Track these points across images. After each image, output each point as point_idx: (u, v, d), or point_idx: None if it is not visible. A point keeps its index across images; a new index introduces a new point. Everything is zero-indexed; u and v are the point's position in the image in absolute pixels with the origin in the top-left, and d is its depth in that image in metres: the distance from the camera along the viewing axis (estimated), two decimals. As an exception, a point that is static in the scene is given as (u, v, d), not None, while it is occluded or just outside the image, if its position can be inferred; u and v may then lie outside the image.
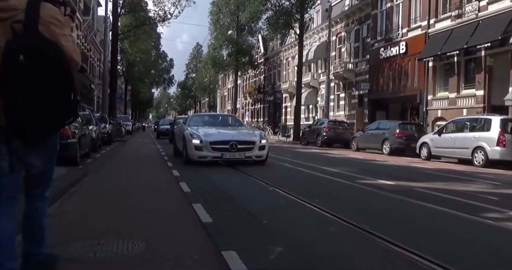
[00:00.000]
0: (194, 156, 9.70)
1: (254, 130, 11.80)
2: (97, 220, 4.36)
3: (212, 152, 9.56)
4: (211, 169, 8.98)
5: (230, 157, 9.57)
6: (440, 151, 14.70)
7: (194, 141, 9.70)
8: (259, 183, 7.24)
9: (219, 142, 9.64)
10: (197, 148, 9.63)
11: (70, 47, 2.35)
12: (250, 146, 9.84)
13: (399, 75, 24.94)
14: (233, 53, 43.70)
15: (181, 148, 10.70)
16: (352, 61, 30.62)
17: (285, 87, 42.48)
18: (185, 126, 11.14)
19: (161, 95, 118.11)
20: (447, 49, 20.18)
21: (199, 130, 10.34)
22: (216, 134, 10.20)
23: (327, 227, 4.16)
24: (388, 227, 4.24)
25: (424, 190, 6.87)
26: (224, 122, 12.39)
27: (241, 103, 57.75)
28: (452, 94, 20.90)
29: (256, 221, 4.30)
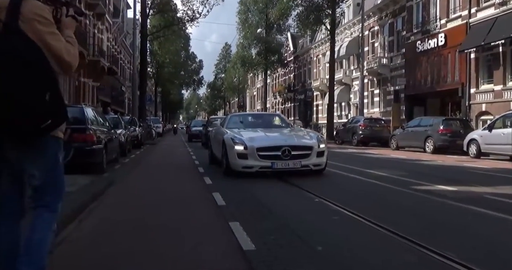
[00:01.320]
0: (237, 166, 7.89)
1: (309, 132, 9.75)
2: (113, 248, 3.69)
3: (260, 161, 7.70)
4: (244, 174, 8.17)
5: (283, 166, 7.65)
6: (491, 148, 13.56)
7: (236, 147, 7.86)
8: (301, 192, 6.46)
9: (268, 148, 7.81)
10: (240, 156, 7.81)
11: (59, 47, 2.26)
12: (307, 152, 7.91)
13: (438, 69, 23.65)
14: (262, 52, 43.03)
15: (219, 154, 8.91)
16: (387, 56, 29.39)
17: (316, 85, 41.48)
18: (223, 129, 9.45)
19: (191, 96, 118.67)
20: (492, 39, 18.88)
21: (242, 134, 8.49)
22: (263, 138, 8.47)
23: (401, 255, 3.35)
24: (474, 253, 3.40)
25: (494, 197, 5.94)
26: (269, 123, 10.51)
27: (271, 103, 56.99)
28: (497, 86, 19.56)
29: (309, 248, 3.52)
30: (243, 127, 9.54)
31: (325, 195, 5.95)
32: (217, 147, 9.32)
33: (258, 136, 8.59)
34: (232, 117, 11.22)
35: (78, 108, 8.92)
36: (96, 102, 28.61)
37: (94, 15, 27.56)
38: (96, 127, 8.85)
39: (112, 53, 34.45)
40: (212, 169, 9.69)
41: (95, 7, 26.29)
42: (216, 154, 9.81)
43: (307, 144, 8.13)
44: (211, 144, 10.70)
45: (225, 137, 8.46)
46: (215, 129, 10.93)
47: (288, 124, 10.47)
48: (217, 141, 9.53)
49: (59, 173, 2.43)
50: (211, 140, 10.93)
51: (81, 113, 8.44)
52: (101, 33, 30.00)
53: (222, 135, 8.89)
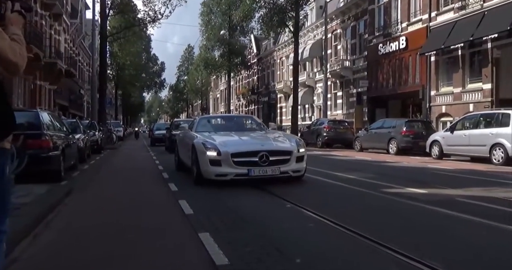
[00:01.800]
0: (210, 174, 7.14)
1: (286, 135, 9.10)
2: (70, 262, 3.34)
3: (235, 168, 6.97)
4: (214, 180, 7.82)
5: (261, 173, 6.95)
6: (453, 149, 13.79)
7: (209, 153, 7.10)
8: (272, 197, 6.24)
9: (244, 153, 7.08)
10: (213, 163, 7.07)
11: (3, 46, 2.00)
12: (286, 157, 7.21)
13: (399, 71, 24.08)
14: (225, 54, 42.70)
15: (188, 161, 8.18)
16: (349, 58, 29.73)
17: (279, 87, 41.56)
18: (192, 133, 8.70)
19: (152, 99, 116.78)
20: (451, 42, 19.33)
21: (214, 138, 7.75)
22: (238, 142, 7.74)
23: (387, 267, 3.16)
24: (460, 263, 3.26)
25: (467, 200, 5.90)
26: (242, 126, 9.77)
27: (234, 105, 56.74)
28: (457, 89, 20.05)
29: (287, 260, 3.29)
30: (214, 131, 8.81)
31: (297, 200, 5.74)
32: (186, 153, 8.62)
33: (232, 140, 7.84)
34: (201, 120, 10.31)
35: (33, 112, 8.39)
36: (53, 106, 27.49)
37: (51, 16, 26.48)
38: (52, 133, 8.34)
39: (70, 55, 33.26)
40: (177, 174, 9.32)
41: (51, 7, 25.24)
42: (184, 160, 9.07)
43: (286, 148, 7.44)
44: (178, 149, 9.93)
45: (195, 141, 7.72)
46: (183, 133, 10.02)
47: (263, 127, 9.81)
48: (185, 146, 8.81)
49: (5, 187, 2.13)
50: (178, 144, 10.11)
51: (36, 118, 7.92)
52: (58, 35, 28.89)
53: (191, 139, 8.16)
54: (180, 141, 9.82)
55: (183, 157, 9.25)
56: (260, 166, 6.94)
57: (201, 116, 10.32)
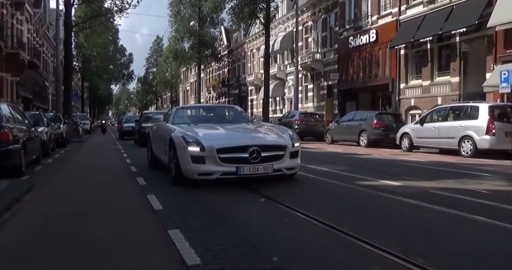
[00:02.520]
0: (192, 172, 6.21)
1: (277, 128, 7.81)
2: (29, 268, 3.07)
3: (222, 165, 6.06)
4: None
5: (251, 171, 6.05)
6: (423, 141, 13.94)
7: (190, 149, 6.17)
8: (245, 191, 6.04)
9: (232, 149, 6.15)
10: (196, 160, 6.15)
11: None
12: (280, 153, 6.34)
13: (369, 64, 24.25)
14: (195, 45, 42.12)
15: (165, 158, 7.21)
16: (320, 51, 29.74)
17: (250, 79, 41.32)
18: (169, 125, 7.71)
19: (120, 91, 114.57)
20: (420, 36, 19.55)
21: (196, 131, 6.76)
22: (224, 136, 6.79)
23: (367, 263, 3.02)
24: (448, 257, 3.16)
25: (440, 192, 5.87)
26: (224, 118, 8.62)
27: (205, 98, 56.17)
28: (425, 82, 20.33)
29: (264, 258, 3.11)
30: (194, 123, 7.78)
31: (271, 194, 5.57)
32: (161, 148, 7.61)
33: (217, 134, 6.89)
34: (178, 110, 9.01)
35: (-9, 104, 7.91)
36: (17, 98, 26.45)
37: (12, 5, 25.35)
38: (12, 125, 7.90)
39: (34, 46, 31.99)
40: (146, 168, 8.99)
41: (13, -5, 24.20)
42: (159, 156, 8.06)
43: (280, 142, 6.52)
44: (152, 144, 8.88)
45: (173, 135, 6.69)
46: (157, 125, 8.88)
47: (248, 119, 8.78)
48: (160, 140, 7.79)
49: None
50: (151, 138, 9.02)
51: (-6, 109, 7.46)
52: (20, 24, 27.72)
53: (168, 132, 7.11)
54: (154, 135, 8.75)
55: (157, 153, 8.23)
56: (250, 163, 6.05)
57: (177, 106, 8.80)
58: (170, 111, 9.59)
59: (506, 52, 16.15)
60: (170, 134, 6.88)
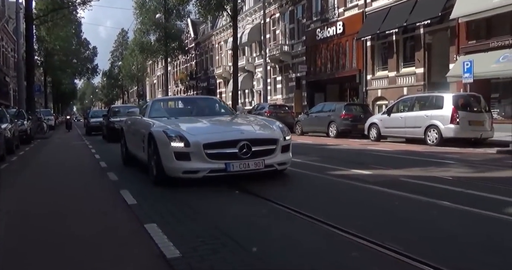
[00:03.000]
0: (176, 170, 5.66)
1: (265, 120, 7.20)
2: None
3: (209, 162, 5.55)
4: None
5: (242, 168, 5.56)
6: (390, 131, 14.23)
7: (173, 144, 5.63)
8: (217, 183, 6.02)
9: (220, 144, 5.66)
10: (180, 156, 5.60)
11: None
12: (271, 147, 5.88)
13: (337, 56, 24.53)
14: (161, 38, 41.47)
15: (143, 155, 6.63)
16: (288, 43, 29.86)
17: (218, 72, 41.12)
18: (146, 119, 7.17)
19: (85, 86, 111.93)
20: (386, 28, 19.89)
21: (179, 124, 6.29)
22: (209, 129, 6.37)
23: (347, 252, 3.08)
24: (421, 242, 3.26)
25: (410, 180, 6.03)
26: (205, 110, 7.99)
27: (172, 91, 55.56)
28: (391, 73, 20.73)
29: (244, 249, 3.13)
30: (173, 116, 7.23)
31: (245, 186, 5.58)
32: (138, 144, 7.05)
33: (202, 127, 6.41)
34: (155, 103, 8.31)
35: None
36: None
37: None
38: (-26, 121, 7.61)
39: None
40: (117, 163, 8.84)
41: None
42: (135, 153, 7.48)
43: (271, 136, 6.05)
44: (126, 140, 8.28)
45: (153, 130, 6.12)
46: (132, 120, 8.17)
47: (230, 111, 8.25)
48: (137, 136, 7.23)
49: None
50: (125, 134, 8.41)
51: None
52: (-23, 17, 26.66)
53: (146, 127, 6.55)
54: (129, 130, 8.11)
55: (133, 150, 7.63)
56: (240, 158, 5.55)
57: (153, 99, 8.31)
58: (145, 104, 8.89)
59: (468, 44, 16.64)
60: (149, 129, 6.29)
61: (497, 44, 15.36)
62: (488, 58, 15.24)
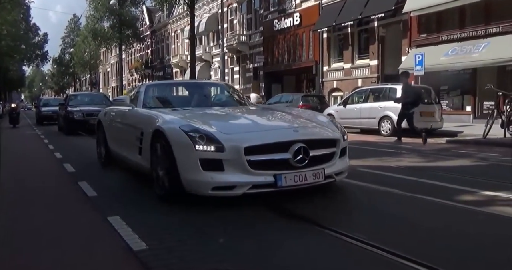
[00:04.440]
0: (201, 185, 4.06)
1: (307, 113, 5.67)
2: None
3: (252, 174, 3.98)
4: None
5: (297, 181, 4.05)
6: (346, 122, 14.42)
7: (200, 148, 4.01)
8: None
9: (268, 146, 4.08)
10: (209, 165, 4.01)
11: None
12: (331, 151, 4.45)
13: (294, 47, 24.76)
14: (115, 25, 40.33)
15: (140, 160, 4.98)
16: (246, 33, 29.83)
17: (175, 61, 40.56)
18: (143, 110, 5.48)
19: (33, 73, 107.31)
20: (341, 20, 20.26)
21: (205, 120, 4.56)
22: (247, 126, 4.59)
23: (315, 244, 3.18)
24: (383, 231, 3.42)
25: (366, 170, 6.26)
26: (212, 99, 6.39)
27: (127, 80, 54.33)
28: (347, 65, 21.18)
29: (211, 240, 3.18)
30: (178, 107, 5.58)
31: (270, 199, 5.58)
32: (129, 144, 5.45)
33: (236, 124, 4.84)
34: (149, 89, 6.20)
35: None
36: None
37: None
38: None
39: None
40: (73, 154, 8.62)
41: None
42: (124, 155, 5.73)
43: (330, 136, 4.56)
44: (107, 137, 6.57)
45: (164, 126, 4.38)
46: (118, 112, 6.32)
47: (244, 100, 6.38)
48: (126, 133, 5.61)
49: None
50: (106, 129, 6.67)
51: None
52: None
53: (147, 122, 4.88)
54: (113, 124, 6.37)
55: (120, 151, 5.92)
56: (294, 167, 4.03)
57: (147, 83, 6.91)
58: (135, 90, 7.09)
59: (419, 37, 17.25)
60: (153, 124, 4.60)
61: (447, 38, 16.02)
62: (438, 51, 15.88)
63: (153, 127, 4.57)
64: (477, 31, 15.00)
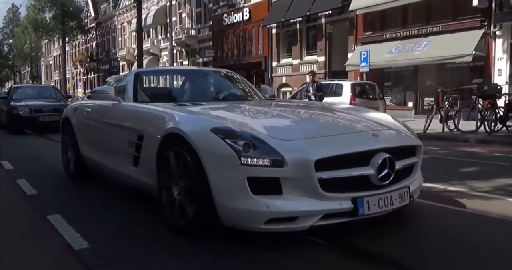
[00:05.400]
0: (253, 217, 2.75)
1: (368, 110, 4.38)
2: None
3: (324, 198, 2.75)
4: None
5: (382, 207, 2.91)
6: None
7: (250, 161, 2.71)
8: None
9: (345, 158, 2.87)
10: (264, 187, 2.73)
11: None
12: (412, 161, 3.34)
13: (243, 42, 24.80)
14: (58, 16, 38.63)
15: (137, 173, 3.67)
16: (195, 27, 29.53)
17: (122, 54, 39.52)
18: (138, 105, 4.07)
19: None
20: (290, 16, 20.49)
21: (243, 121, 3.27)
22: (309, 130, 3.16)
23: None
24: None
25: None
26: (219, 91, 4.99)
27: (71, 73, 52.37)
28: (295, 60, 21.47)
29: (159, 234, 3.12)
30: (184, 101, 4.26)
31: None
32: (116, 151, 4.10)
33: (293, 126, 3.37)
34: (139, 77, 4.62)
35: None
36: None
37: None
38: None
39: None
40: (11, 149, 8.19)
41: None
42: (109, 166, 4.29)
43: (411, 142, 3.44)
44: (79, 141, 4.94)
45: (189, 129, 3.06)
46: (93, 108, 4.81)
47: (255, 91, 5.09)
48: (111, 136, 4.21)
49: None
50: (77, 130, 5.02)
51: None
52: None
53: (156, 121, 3.48)
54: (89, 124, 4.78)
55: (105, 161, 4.35)
56: (377, 187, 2.95)
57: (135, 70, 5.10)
58: (114, 79, 6.04)
59: (365, 35, 17.76)
60: (163, 125, 3.28)
61: (390, 36, 16.58)
62: (382, 49, 16.42)
63: (163, 129, 3.22)
64: (418, 30, 15.62)
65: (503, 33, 13.80)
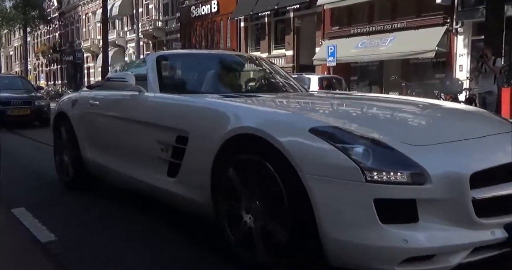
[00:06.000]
0: (383, 255, 1.87)
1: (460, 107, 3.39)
2: None
3: (476, 226, 1.90)
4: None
5: None
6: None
7: (377, 176, 1.84)
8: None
9: (499, 171, 2.03)
10: (397, 213, 1.86)
11: None
12: None
13: (211, 35, 24.67)
14: (19, 5, 37.32)
15: (182, 184, 2.70)
16: (162, 19, 29.13)
17: (86, 46, 38.57)
18: (176, 98, 3.03)
19: None
20: (258, 9, 20.50)
21: (341, 118, 2.31)
22: (441, 133, 2.27)
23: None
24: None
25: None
26: (252, 81, 4.24)
27: (32, 64, 50.75)
28: (264, 54, 21.49)
29: (129, 227, 3.10)
30: (216, 93, 3.29)
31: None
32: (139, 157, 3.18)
33: (417, 127, 2.50)
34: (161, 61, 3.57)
35: None
36: None
37: None
38: None
39: None
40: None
41: None
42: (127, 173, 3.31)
43: None
44: (80, 140, 4.01)
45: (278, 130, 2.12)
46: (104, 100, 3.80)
47: (293, 83, 4.15)
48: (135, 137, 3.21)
49: None
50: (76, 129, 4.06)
51: None
52: None
53: (211, 118, 2.54)
54: (104, 121, 3.73)
55: (123, 168, 3.39)
56: None
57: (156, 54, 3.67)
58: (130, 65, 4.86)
59: (332, 29, 17.97)
60: (225, 122, 2.39)
61: (357, 31, 16.85)
62: (349, 43, 16.67)
63: (226, 128, 2.35)
64: (384, 25, 15.93)
65: (465, 30, 14.26)
